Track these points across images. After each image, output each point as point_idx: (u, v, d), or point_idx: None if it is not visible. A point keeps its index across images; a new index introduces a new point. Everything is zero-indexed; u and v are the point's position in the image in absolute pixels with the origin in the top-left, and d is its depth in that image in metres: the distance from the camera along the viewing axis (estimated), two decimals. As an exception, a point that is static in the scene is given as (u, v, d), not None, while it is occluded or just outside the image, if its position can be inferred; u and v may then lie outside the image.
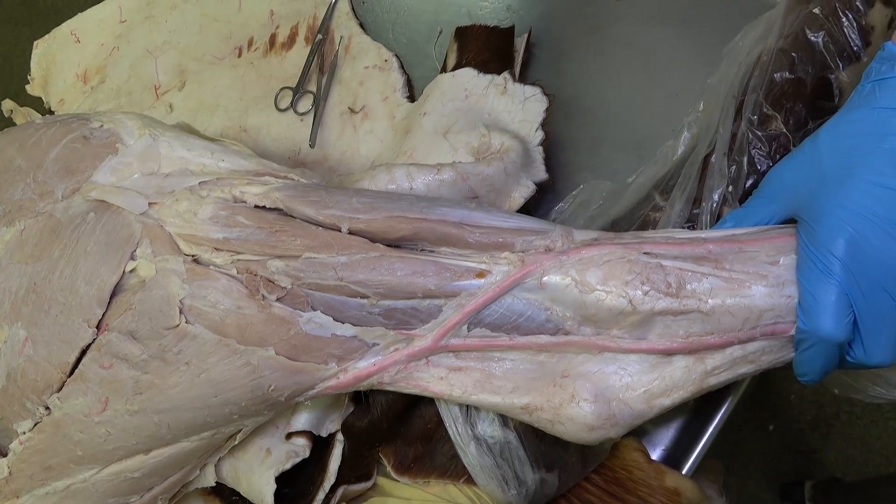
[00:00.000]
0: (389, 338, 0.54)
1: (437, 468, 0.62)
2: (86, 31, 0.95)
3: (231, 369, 0.52)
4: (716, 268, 0.49)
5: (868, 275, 0.44)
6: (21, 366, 0.55)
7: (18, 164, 0.60)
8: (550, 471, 0.59)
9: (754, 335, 0.49)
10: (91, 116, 0.63)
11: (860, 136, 0.46)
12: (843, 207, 0.45)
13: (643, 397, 0.51)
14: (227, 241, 0.54)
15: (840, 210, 0.45)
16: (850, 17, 0.62)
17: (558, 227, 0.53)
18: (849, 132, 0.47)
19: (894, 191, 0.43)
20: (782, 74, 0.62)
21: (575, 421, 0.51)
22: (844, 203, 0.45)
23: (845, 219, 0.44)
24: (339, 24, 0.86)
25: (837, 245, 0.44)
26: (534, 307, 0.52)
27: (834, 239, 0.45)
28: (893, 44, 0.47)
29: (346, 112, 0.82)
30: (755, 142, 0.61)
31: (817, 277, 0.45)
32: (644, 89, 0.76)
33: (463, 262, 0.53)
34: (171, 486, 0.59)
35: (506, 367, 0.54)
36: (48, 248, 0.56)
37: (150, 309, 0.53)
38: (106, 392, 0.54)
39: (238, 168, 0.60)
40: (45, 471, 0.56)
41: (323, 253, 0.53)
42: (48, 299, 0.55)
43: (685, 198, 0.62)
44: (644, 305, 0.49)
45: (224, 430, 0.56)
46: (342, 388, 0.55)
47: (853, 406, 1.63)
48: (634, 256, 0.50)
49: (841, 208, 0.45)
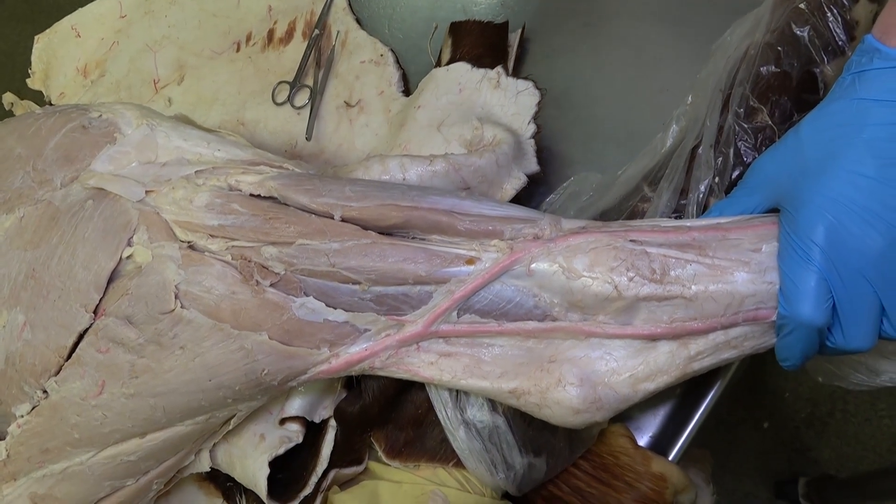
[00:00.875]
0: (381, 323, 0.55)
1: (427, 452, 0.63)
2: (86, 25, 0.96)
3: (225, 353, 0.53)
4: (699, 255, 0.50)
5: (847, 262, 0.45)
6: (19, 350, 0.56)
7: (18, 152, 0.61)
8: (538, 455, 0.60)
9: (736, 321, 0.50)
10: (90, 107, 0.64)
11: (840, 127, 0.47)
12: (822, 196, 0.46)
13: (628, 381, 0.52)
14: (222, 227, 0.55)
15: (820, 198, 0.46)
16: (835, 12, 0.63)
17: (547, 216, 0.54)
18: (829, 123, 0.48)
19: (873, 180, 0.44)
20: (768, 68, 0.63)
21: (561, 404, 0.52)
22: (824, 192, 0.46)
23: (825, 207, 0.45)
24: (335, 19, 0.87)
25: (817, 232, 0.45)
26: (522, 294, 0.53)
27: (814, 226, 0.46)
28: (873, 37, 0.48)
29: (343, 106, 0.83)
30: (741, 134, 0.62)
31: (797, 264, 0.46)
32: (635, 84, 0.77)
33: (453, 249, 0.54)
34: (166, 471, 0.60)
35: (494, 353, 0.55)
36: (47, 234, 0.57)
37: (147, 294, 0.54)
38: (103, 376, 0.55)
39: (234, 158, 0.61)
40: (43, 454, 0.57)
41: (316, 239, 0.54)
42: (46, 284, 0.56)
43: (672, 189, 0.63)
44: (629, 291, 0.50)
45: (218, 414, 0.57)
46: (334, 372, 0.56)
47: (847, 404, 1.63)
48: (620, 243, 0.51)
49: (821, 196, 0.46)
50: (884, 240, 0.44)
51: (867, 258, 0.44)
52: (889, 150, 0.44)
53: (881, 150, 0.45)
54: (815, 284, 0.45)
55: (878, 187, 0.44)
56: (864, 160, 0.45)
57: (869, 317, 0.46)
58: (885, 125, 0.45)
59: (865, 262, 0.44)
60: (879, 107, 0.45)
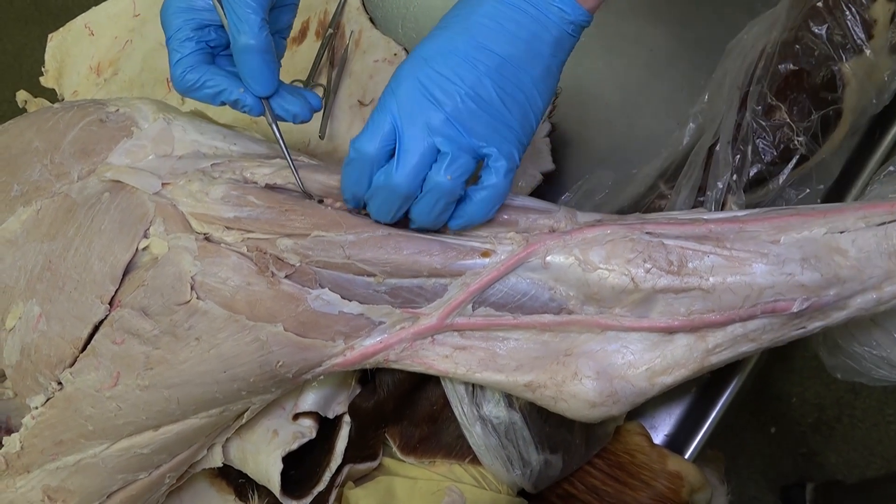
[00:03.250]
0: (395, 316, 0.55)
1: (442, 448, 0.63)
2: (100, 24, 0.96)
3: (240, 345, 0.53)
4: (717, 246, 0.50)
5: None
6: (35, 341, 0.56)
7: (36, 146, 0.61)
8: (555, 452, 0.60)
9: (755, 313, 0.49)
10: (107, 101, 0.64)
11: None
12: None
13: (645, 375, 0.51)
14: (238, 219, 0.55)
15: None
16: (853, 10, 0.63)
17: (563, 209, 0.54)
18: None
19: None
20: (786, 66, 0.63)
21: (577, 398, 0.52)
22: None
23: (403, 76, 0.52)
24: (349, 18, 0.87)
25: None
26: (538, 286, 0.53)
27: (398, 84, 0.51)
28: None
29: (356, 105, 0.83)
30: (759, 131, 0.62)
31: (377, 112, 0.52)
32: (649, 84, 0.78)
33: (468, 241, 0.54)
34: (178, 465, 0.60)
35: (510, 346, 0.55)
36: (63, 226, 0.57)
37: (162, 285, 0.54)
38: (117, 367, 0.55)
39: (249, 151, 0.61)
40: (56, 445, 0.57)
41: (331, 231, 0.54)
42: (62, 276, 0.56)
43: (690, 186, 0.63)
44: (646, 283, 0.50)
45: (232, 407, 0.57)
46: (349, 365, 0.56)
47: (854, 409, 1.63)
48: (637, 235, 0.51)
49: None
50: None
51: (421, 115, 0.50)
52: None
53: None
54: (387, 129, 0.51)
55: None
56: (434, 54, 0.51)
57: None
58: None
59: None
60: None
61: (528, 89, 0.51)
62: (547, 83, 0.52)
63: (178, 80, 0.54)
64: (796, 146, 0.63)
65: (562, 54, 0.53)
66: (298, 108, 0.56)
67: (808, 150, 0.64)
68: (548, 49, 0.51)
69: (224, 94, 0.54)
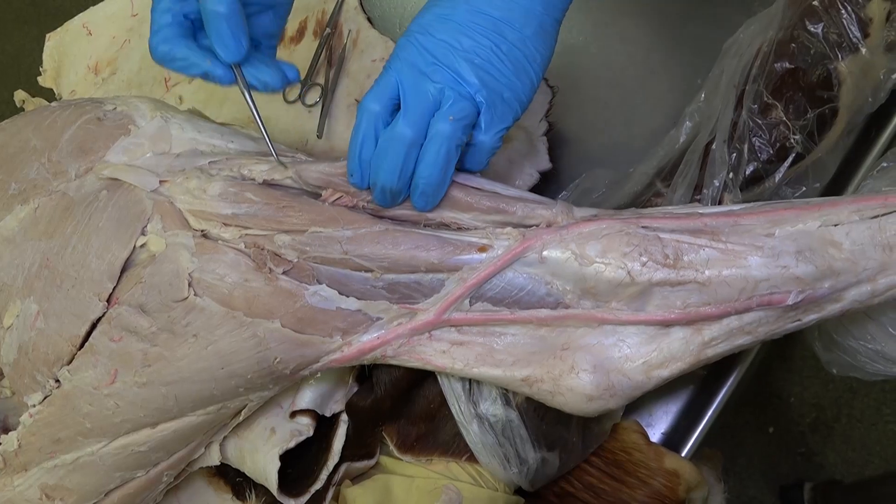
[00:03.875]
0: (393, 312, 0.55)
1: (439, 446, 0.63)
2: (98, 24, 0.96)
3: (238, 341, 0.54)
4: (712, 240, 0.50)
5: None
6: (32, 339, 0.56)
7: (34, 144, 0.62)
8: (552, 450, 0.60)
9: (751, 305, 0.50)
10: (105, 100, 0.64)
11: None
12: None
13: (642, 368, 0.52)
14: (236, 216, 0.55)
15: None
16: (848, 9, 0.63)
17: (559, 203, 0.55)
18: None
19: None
20: (782, 64, 0.64)
21: (574, 391, 0.52)
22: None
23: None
24: (347, 18, 0.87)
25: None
26: (534, 281, 0.53)
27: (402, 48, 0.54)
28: None
29: (354, 104, 0.83)
30: (756, 129, 0.63)
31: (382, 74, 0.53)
32: (646, 82, 0.78)
33: (465, 236, 0.54)
34: (176, 463, 0.60)
35: (507, 341, 0.55)
36: (61, 225, 0.58)
37: (160, 282, 0.54)
38: (115, 364, 0.55)
39: (247, 149, 0.61)
40: (54, 444, 0.57)
41: (328, 227, 0.54)
42: (60, 274, 0.56)
43: (686, 184, 0.63)
44: (642, 276, 0.50)
45: (230, 404, 0.57)
46: (346, 361, 0.56)
47: (853, 409, 1.63)
48: (633, 229, 0.51)
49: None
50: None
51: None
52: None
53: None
54: (391, 87, 0.52)
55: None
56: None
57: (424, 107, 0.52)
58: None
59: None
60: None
61: (524, 47, 0.53)
62: (543, 39, 0.54)
63: (152, 51, 0.55)
64: (792, 144, 0.64)
65: (555, 12, 0.55)
66: (269, 77, 0.57)
67: (805, 149, 0.64)
68: (539, 6, 0.53)
69: (192, 67, 0.55)
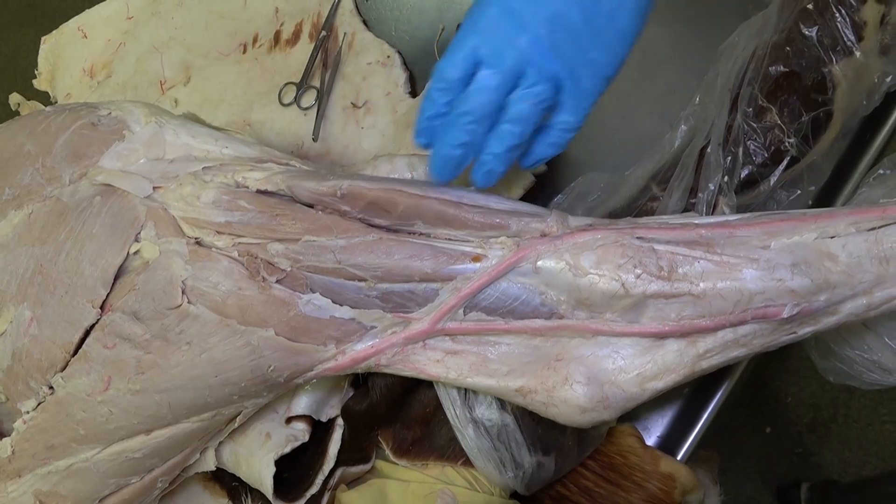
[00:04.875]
0: (387, 321, 0.55)
1: (435, 451, 0.63)
2: (93, 26, 0.96)
3: (231, 349, 0.54)
4: (707, 252, 0.50)
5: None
6: (26, 346, 0.56)
7: (28, 149, 0.61)
8: (547, 454, 0.60)
9: (745, 318, 0.49)
10: (99, 104, 0.64)
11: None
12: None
13: (636, 380, 0.51)
14: (229, 224, 0.55)
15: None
16: (843, 12, 0.63)
17: (554, 213, 0.54)
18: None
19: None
20: (777, 68, 0.63)
21: (568, 403, 0.52)
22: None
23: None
24: (342, 21, 0.87)
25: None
26: (529, 291, 0.53)
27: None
28: None
29: (349, 107, 0.83)
30: (750, 133, 0.63)
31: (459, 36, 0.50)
32: (641, 85, 0.77)
33: (459, 246, 0.54)
34: (171, 469, 0.60)
35: (501, 351, 0.55)
36: (55, 230, 0.57)
37: (154, 289, 0.54)
38: (109, 371, 0.55)
39: (241, 155, 0.61)
40: (48, 450, 0.57)
41: (322, 236, 0.54)
42: (54, 280, 0.56)
43: (682, 188, 0.63)
44: (636, 288, 0.50)
45: (224, 411, 0.57)
46: (340, 369, 0.56)
47: (850, 409, 1.63)
48: (627, 240, 0.51)
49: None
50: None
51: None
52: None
53: None
54: (469, 53, 0.49)
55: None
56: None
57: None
58: None
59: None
60: None
61: (617, 17, 0.50)
62: (636, 11, 0.50)
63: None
64: (787, 148, 0.63)
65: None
66: None
67: (799, 152, 0.64)
68: None
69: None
